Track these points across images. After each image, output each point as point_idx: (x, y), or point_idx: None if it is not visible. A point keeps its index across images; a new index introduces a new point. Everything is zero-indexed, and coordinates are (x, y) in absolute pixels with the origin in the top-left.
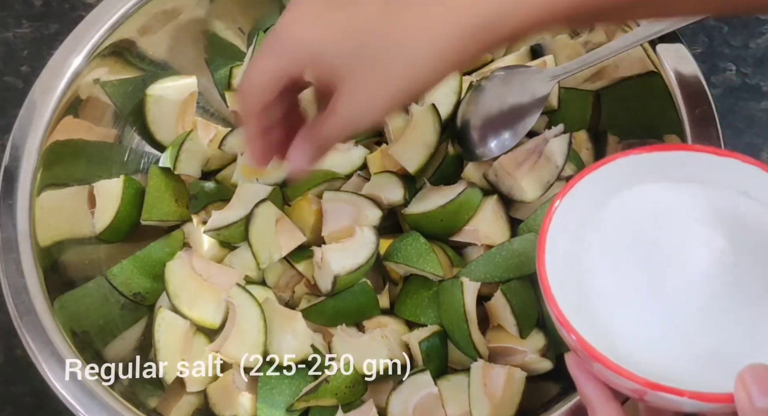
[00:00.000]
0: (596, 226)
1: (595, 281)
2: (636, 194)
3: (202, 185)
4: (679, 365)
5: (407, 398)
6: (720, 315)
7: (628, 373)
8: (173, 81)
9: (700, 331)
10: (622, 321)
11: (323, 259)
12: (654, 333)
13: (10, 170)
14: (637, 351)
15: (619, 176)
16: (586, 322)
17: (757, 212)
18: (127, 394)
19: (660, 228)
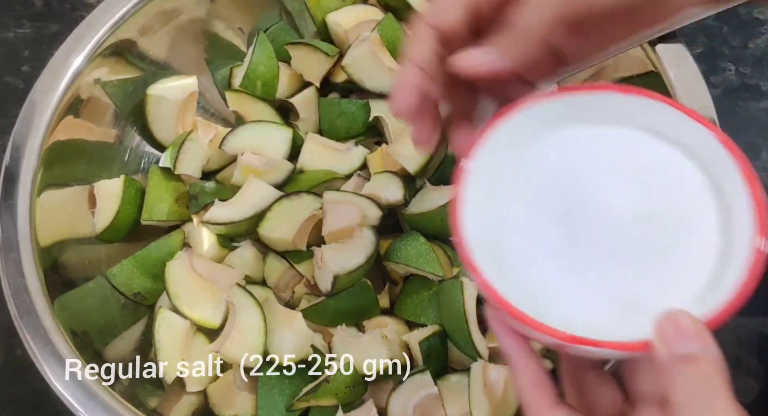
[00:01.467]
0: (510, 178)
1: (512, 235)
2: (548, 141)
3: (203, 185)
4: (597, 315)
5: (407, 398)
6: (635, 263)
7: (548, 328)
8: (173, 81)
9: (615, 280)
10: (538, 273)
11: (323, 259)
12: (571, 284)
13: (11, 170)
14: (555, 303)
15: (531, 125)
16: (505, 278)
17: (668, 153)
18: (127, 394)
19: (573, 176)
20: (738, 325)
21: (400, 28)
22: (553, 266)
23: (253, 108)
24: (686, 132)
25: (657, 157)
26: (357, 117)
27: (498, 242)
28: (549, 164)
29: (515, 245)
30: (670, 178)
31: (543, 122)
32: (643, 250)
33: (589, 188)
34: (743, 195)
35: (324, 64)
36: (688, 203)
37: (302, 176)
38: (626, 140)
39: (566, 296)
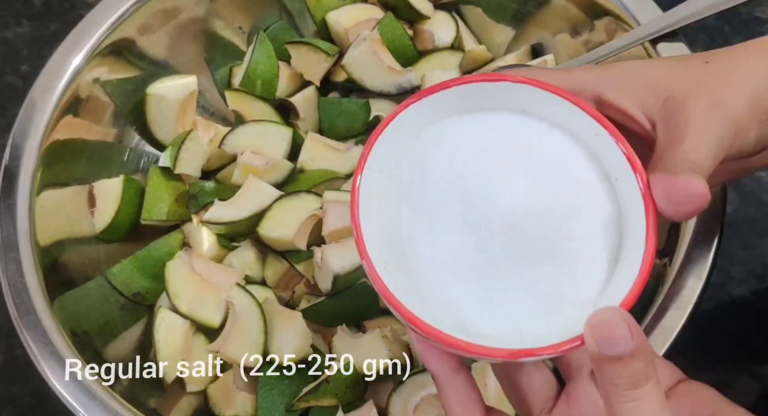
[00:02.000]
0: (403, 179)
1: (414, 246)
2: (439, 134)
3: (202, 184)
4: (522, 317)
5: (407, 398)
6: (540, 257)
7: (487, 350)
8: (173, 80)
9: (526, 278)
10: (452, 286)
11: (323, 259)
12: (485, 291)
13: (10, 170)
14: (478, 315)
15: (421, 119)
16: (416, 295)
17: (558, 140)
18: (127, 394)
19: (467, 170)
20: (738, 324)
21: (400, 27)
22: (464, 276)
23: (252, 107)
24: (573, 119)
25: (548, 145)
26: (357, 116)
27: (403, 254)
28: (441, 158)
29: (420, 257)
30: (562, 165)
31: (434, 114)
32: (545, 242)
33: (484, 183)
34: (619, 158)
35: (324, 63)
36: (582, 189)
37: (302, 176)
38: (517, 128)
39: (485, 305)
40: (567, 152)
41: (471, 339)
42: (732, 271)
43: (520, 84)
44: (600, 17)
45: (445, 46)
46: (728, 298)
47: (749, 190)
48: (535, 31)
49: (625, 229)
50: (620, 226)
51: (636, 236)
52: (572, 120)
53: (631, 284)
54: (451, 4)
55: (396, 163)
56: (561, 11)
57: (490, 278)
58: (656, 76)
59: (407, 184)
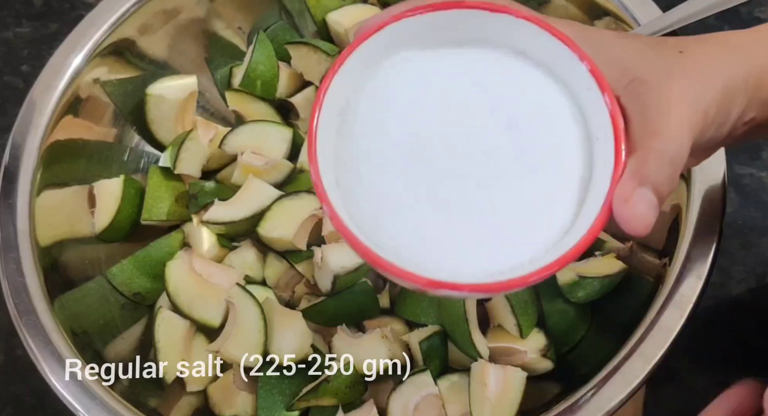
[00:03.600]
0: (357, 110)
1: (363, 175)
2: (396, 67)
3: (202, 184)
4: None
5: (407, 398)
6: (493, 198)
7: (408, 274)
8: (173, 80)
9: (472, 216)
10: (389, 212)
11: (323, 259)
12: (426, 226)
13: (10, 170)
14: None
15: (384, 48)
16: (354, 218)
17: (530, 71)
18: (127, 394)
19: (423, 104)
20: (738, 324)
21: None
22: (407, 209)
23: (252, 107)
24: (550, 51)
25: (518, 80)
26: None
27: (346, 174)
28: (394, 91)
29: (368, 184)
30: (532, 104)
31: (402, 41)
32: (503, 182)
33: (444, 118)
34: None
35: (324, 63)
36: (550, 130)
37: (302, 176)
38: (486, 61)
39: (423, 239)
40: (553, 100)
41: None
42: (732, 271)
43: (522, 20)
44: (600, 17)
45: None
46: (728, 298)
47: (749, 190)
48: None
49: (591, 191)
50: (587, 187)
51: (596, 200)
52: (568, 69)
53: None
54: None
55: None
56: (561, 11)
57: (432, 213)
58: (625, 57)
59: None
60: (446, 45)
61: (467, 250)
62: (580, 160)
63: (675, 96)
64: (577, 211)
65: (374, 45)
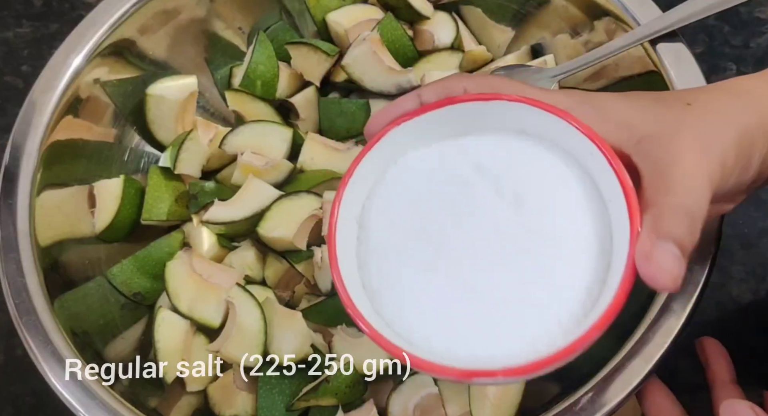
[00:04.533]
0: (371, 214)
1: (384, 273)
2: (402, 167)
3: (202, 184)
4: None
5: (407, 398)
6: (510, 279)
7: (441, 368)
8: (173, 81)
9: (494, 294)
10: (414, 307)
11: (323, 259)
12: (446, 312)
13: (10, 170)
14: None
15: (389, 152)
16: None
17: (531, 147)
18: (127, 394)
19: (430, 195)
20: (738, 324)
21: (400, 27)
22: (431, 301)
23: (253, 108)
24: (547, 126)
25: (520, 158)
26: (357, 117)
27: (370, 276)
28: (404, 187)
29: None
30: (537, 177)
31: (406, 142)
32: (521, 258)
33: (455, 207)
34: (613, 183)
35: (324, 63)
36: (558, 200)
37: (302, 176)
38: (487, 146)
39: (451, 327)
40: (558, 172)
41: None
42: (732, 271)
43: (515, 103)
44: (600, 17)
45: (445, 47)
46: (728, 298)
47: None
48: (535, 32)
49: (613, 254)
50: (610, 250)
51: (619, 262)
52: (567, 139)
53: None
54: (451, 5)
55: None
56: (561, 11)
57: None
58: (629, 117)
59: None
60: (448, 138)
61: (497, 331)
62: (596, 225)
63: (686, 148)
64: (603, 276)
65: (379, 152)
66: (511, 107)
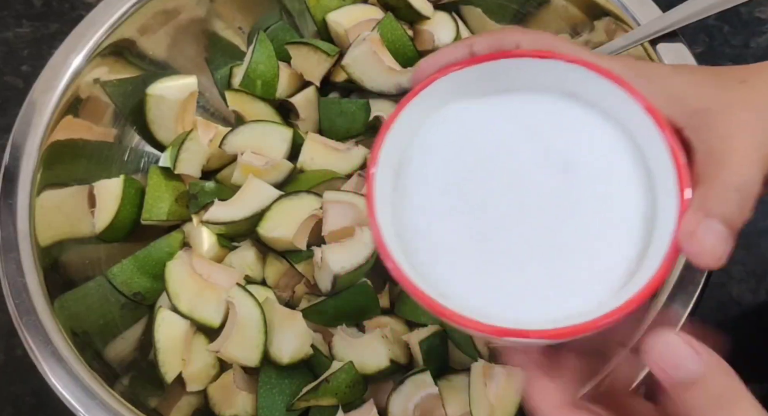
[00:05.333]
0: (411, 165)
1: (420, 226)
2: (446, 119)
3: (203, 184)
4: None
5: (407, 398)
6: (554, 244)
7: (473, 323)
8: (173, 81)
9: (533, 262)
10: (449, 262)
11: (323, 259)
12: (484, 273)
13: (10, 170)
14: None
15: (434, 102)
16: (417, 270)
17: (583, 113)
18: (127, 394)
19: (473, 151)
20: (738, 325)
21: (400, 27)
22: (467, 258)
23: (253, 107)
24: (602, 92)
25: (572, 122)
26: (357, 117)
27: (405, 228)
28: (452, 141)
29: (425, 235)
30: (587, 145)
31: (452, 93)
32: (563, 225)
33: (499, 165)
34: (664, 157)
35: (324, 63)
36: (607, 170)
37: (302, 176)
38: (537, 106)
39: (485, 287)
40: (609, 141)
41: (464, 311)
42: (732, 271)
43: (572, 64)
44: (600, 17)
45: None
46: (728, 298)
47: None
48: None
49: (656, 230)
50: (652, 225)
51: (662, 239)
52: (623, 109)
53: (639, 286)
54: (451, 5)
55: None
56: (561, 11)
57: (491, 260)
58: (684, 90)
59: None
60: (495, 93)
61: (531, 296)
62: (641, 198)
63: (739, 127)
64: (643, 251)
65: (423, 100)
66: (567, 68)
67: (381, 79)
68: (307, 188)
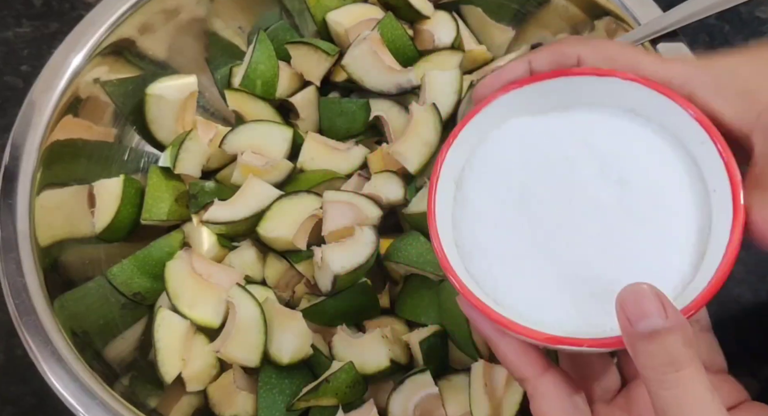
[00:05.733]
0: (471, 176)
1: (476, 231)
2: (506, 133)
3: (202, 184)
4: (568, 310)
5: (407, 398)
6: (609, 255)
7: (529, 331)
8: (173, 80)
9: (587, 272)
10: (505, 271)
11: (323, 259)
12: (537, 279)
13: (10, 170)
14: (524, 299)
15: (494, 118)
16: (474, 278)
17: (639, 129)
18: (127, 394)
19: (532, 165)
20: (738, 324)
21: (400, 27)
22: (522, 267)
23: (253, 107)
24: (659, 108)
25: (628, 137)
26: (357, 116)
27: (463, 237)
28: (505, 155)
29: (482, 242)
30: (643, 159)
31: (512, 110)
32: (618, 237)
33: (556, 179)
34: (720, 171)
35: (324, 63)
36: (662, 184)
37: (302, 176)
38: (593, 121)
39: (540, 295)
40: (665, 156)
41: (518, 319)
42: (732, 271)
43: (629, 82)
44: (600, 17)
45: (445, 46)
46: (728, 298)
47: None
48: (535, 31)
49: (710, 242)
50: (707, 238)
51: (717, 252)
52: (679, 124)
53: (692, 297)
54: (451, 4)
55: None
56: (561, 11)
57: (545, 267)
58: (751, 83)
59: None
60: (554, 110)
61: (586, 305)
62: (697, 212)
63: None
64: (698, 263)
65: (484, 117)
66: (624, 85)
67: (381, 78)
68: (307, 188)
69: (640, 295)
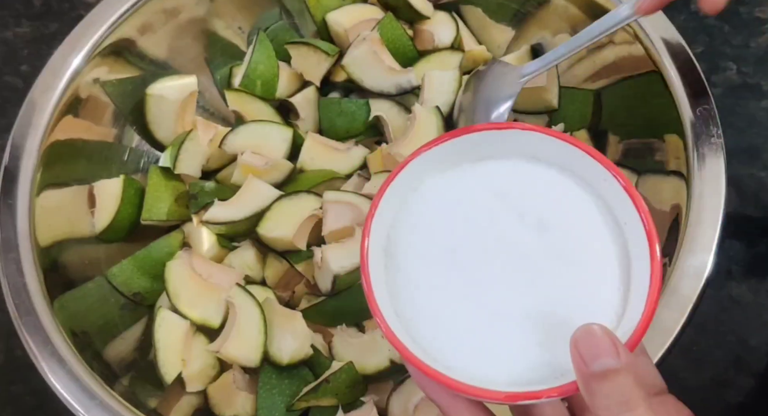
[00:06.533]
0: (398, 243)
1: (417, 303)
2: (424, 195)
3: (202, 184)
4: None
5: (407, 398)
6: (540, 298)
7: (487, 392)
8: (173, 80)
9: (528, 319)
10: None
11: (323, 259)
12: (477, 333)
13: (10, 170)
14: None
15: (409, 182)
16: (420, 345)
17: (546, 171)
18: (127, 394)
19: (454, 223)
20: (738, 324)
21: (400, 27)
22: (464, 326)
23: (253, 107)
24: (558, 152)
25: (537, 183)
26: (357, 116)
27: (402, 305)
28: (432, 215)
29: (422, 312)
30: (556, 202)
31: (426, 171)
32: (547, 282)
33: (479, 232)
34: (626, 203)
35: (324, 63)
36: (579, 224)
37: (302, 176)
38: (503, 171)
39: (486, 352)
40: (575, 196)
41: (473, 381)
42: (732, 271)
43: (529, 131)
44: (600, 17)
45: (445, 47)
46: (728, 298)
47: (749, 190)
48: (535, 31)
49: (632, 273)
50: (628, 271)
51: (642, 278)
52: (581, 165)
53: (632, 330)
54: (451, 4)
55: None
56: (561, 11)
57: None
58: None
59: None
60: (464, 163)
61: (532, 355)
62: (615, 247)
63: None
64: (626, 294)
65: (399, 183)
66: (524, 135)
67: (381, 79)
68: (307, 188)
69: (593, 336)
